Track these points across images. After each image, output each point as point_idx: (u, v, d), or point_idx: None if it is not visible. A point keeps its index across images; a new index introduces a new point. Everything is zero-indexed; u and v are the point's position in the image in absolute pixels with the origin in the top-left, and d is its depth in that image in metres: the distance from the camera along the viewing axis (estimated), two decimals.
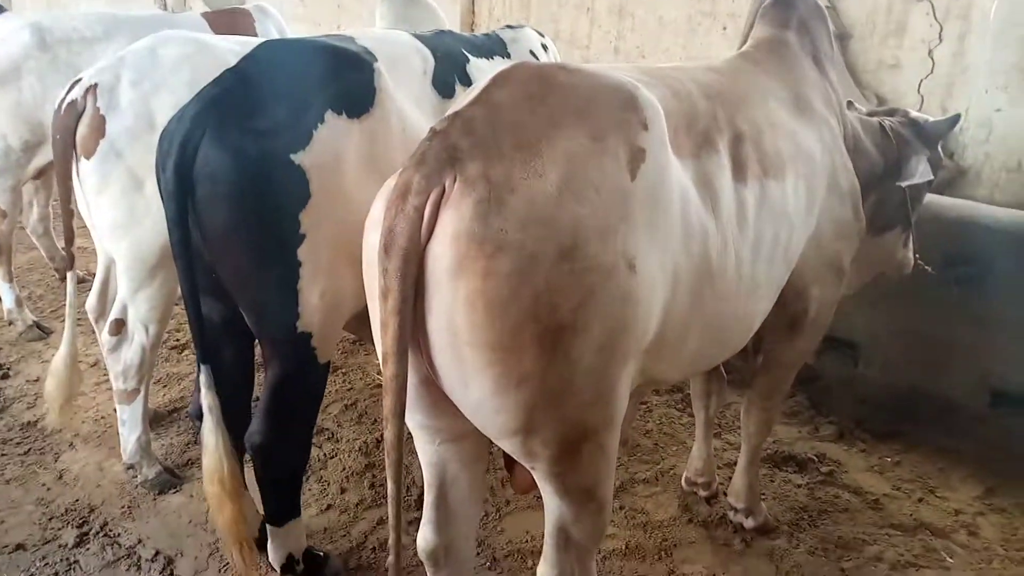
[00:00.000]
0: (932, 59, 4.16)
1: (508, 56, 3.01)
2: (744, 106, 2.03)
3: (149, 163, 2.70)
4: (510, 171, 1.44)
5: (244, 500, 2.34)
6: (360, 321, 2.18)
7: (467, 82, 2.70)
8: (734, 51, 4.98)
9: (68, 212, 2.90)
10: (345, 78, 2.18)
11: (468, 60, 2.78)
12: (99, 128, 2.70)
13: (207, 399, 2.17)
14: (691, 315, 1.73)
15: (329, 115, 2.10)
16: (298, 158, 2.03)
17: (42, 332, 4.29)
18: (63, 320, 4.51)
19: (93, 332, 3.39)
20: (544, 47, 3.33)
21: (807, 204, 2.13)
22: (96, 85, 2.71)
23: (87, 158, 2.72)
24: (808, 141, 2.19)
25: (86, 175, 2.74)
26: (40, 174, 4.12)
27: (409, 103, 2.39)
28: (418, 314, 1.48)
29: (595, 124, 1.54)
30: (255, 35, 4.64)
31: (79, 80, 2.75)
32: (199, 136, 1.99)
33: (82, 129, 2.71)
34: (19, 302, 4.28)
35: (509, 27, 3.14)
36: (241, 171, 1.99)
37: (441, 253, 1.42)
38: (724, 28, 4.94)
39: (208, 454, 2.17)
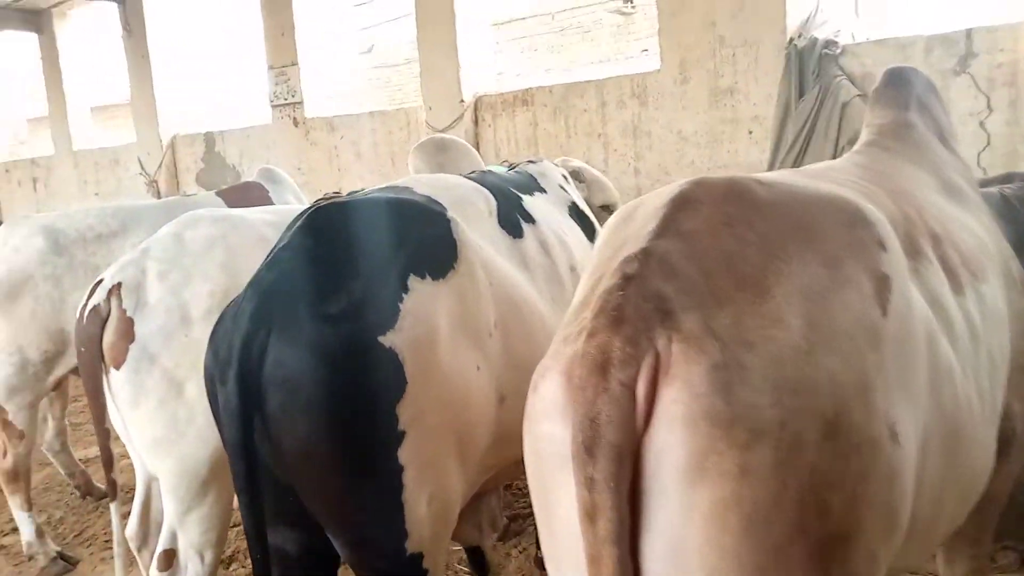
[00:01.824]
0: (985, 131, 3.95)
1: (544, 191, 2.70)
2: (916, 201, 1.70)
3: (188, 363, 2.35)
4: (740, 320, 1.07)
5: None
6: None
7: (530, 219, 2.38)
8: (764, 155, 4.84)
9: (103, 433, 2.48)
10: (421, 234, 1.84)
11: (520, 197, 2.48)
12: (127, 333, 2.34)
13: None
14: (944, 480, 1.32)
15: (413, 281, 1.75)
16: (388, 340, 1.66)
17: (67, 563, 3.75)
18: (89, 546, 4.04)
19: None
20: (565, 178, 3.03)
21: (1003, 305, 1.76)
22: (119, 284, 2.38)
23: (117, 368, 2.35)
24: (977, 230, 1.86)
25: (118, 387, 2.35)
26: (56, 385, 3.73)
27: (488, 249, 2.06)
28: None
29: (824, 249, 1.18)
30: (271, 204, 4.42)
31: (100, 281, 2.42)
32: (264, 336, 1.62)
33: (108, 336, 2.35)
34: (40, 533, 3.77)
35: (531, 162, 2.87)
36: (324, 369, 1.60)
37: (668, 447, 1.02)
38: (750, 132, 4.77)
39: None
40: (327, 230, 1.80)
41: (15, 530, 3.98)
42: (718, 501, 1.00)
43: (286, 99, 7.06)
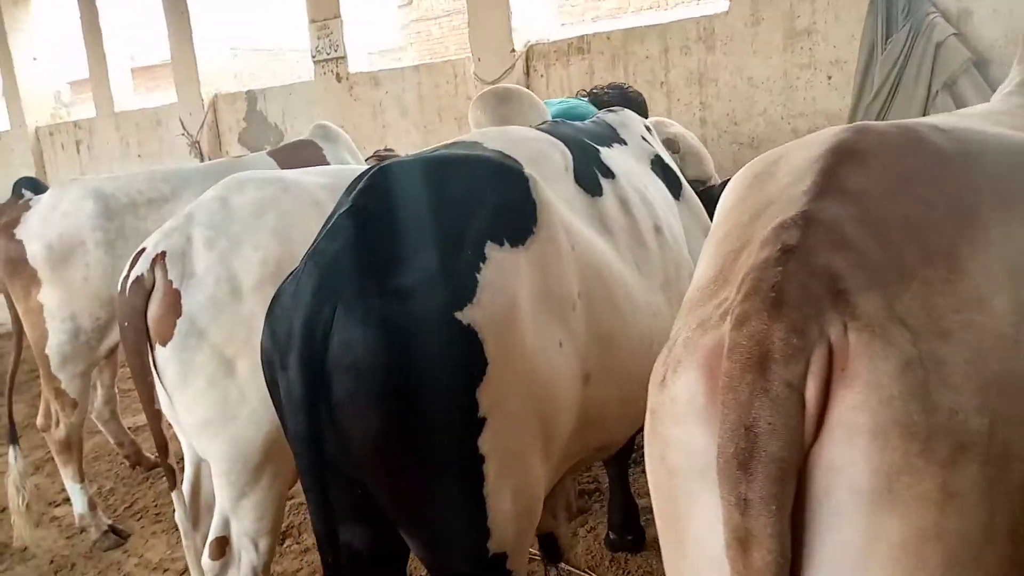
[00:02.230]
0: None
1: (624, 143, 2.42)
2: None
3: (239, 338, 2.17)
4: (931, 303, 0.83)
5: None
6: None
7: (609, 175, 2.12)
8: (845, 102, 4.47)
9: (154, 415, 2.32)
10: (497, 195, 1.60)
11: (598, 150, 2.22)
12: (174, 305, 2.17)
13: None
14: None
15: (491, 249, 1.51)
16: (466, 315, 1.43)
17: (119, 537, 3.68)
18: (140, 519, 3.96)
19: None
20: (648, 129, 2.74)
21: None
22: (164, 253, 2.20)
23: (163, 344, 2.18)
24: None
25: (164, 365, 2.19)
26: (109, 353, 3.61)
27: (567, 210, 1.81)
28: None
29: None
30: (326, 164, 4.22)
31: (143, 250, 2.24)
32: (328, 314, 1.41)
33: (154, 309, 2.18)
34: (92, 505, 3.70)
35: (611, 111, 2.58)
36: (397, 350, 1.39)
37: (847, 463, 0.81)
38: (829, 78, 4.40)
39: None
40: (392, 193, 1.57)
41: (67, 500, 3.92)
42: (913, 532, 0.78)
43: (328, 54, 6.80)
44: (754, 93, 4.65)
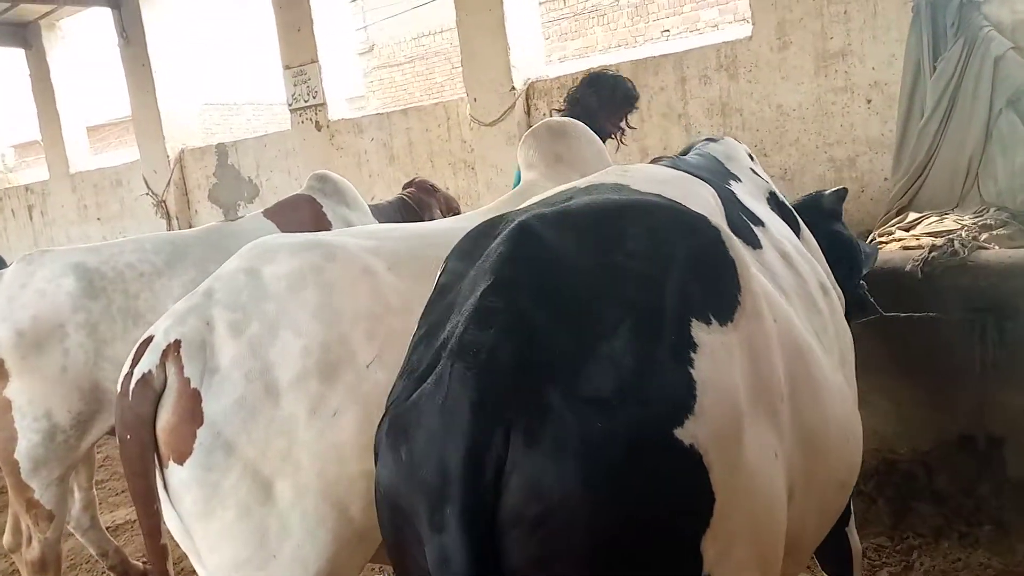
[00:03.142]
0: None
1: (739, 179, 1.98)
2: None
3: (278, 451, 1.67)
4: None
5: None
6: None
7: (757, 221, 1.68)
8: (887, 127, 4.16)
9: (158, 552, 1.78)
10: (690, 256, 1.14)
11: (732, 191, 1.79)
12: (192, 412, 1.66)
13: None
14: None
15: (698, 331, 1.05)
16: (688, 432, 0.97)
17: None
18: None
19: None
20: (751, 156, 2.33)
21: None
22: (177, 343, 1.69)
23: (179, 462, 1.66)
24: None
25: (181, 490, 1.67)
26: (88, 451, 3.03)
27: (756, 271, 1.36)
28: None
29: None
30: (327, 224, 3.67)
31: (149, 339, 1.73)
32: (501, 443, 0.94)
33: (166, 417, 1.67)
34: None
35: (709, 140, 2.15)
36: (606, 492, 0.93)
37: None
38: (869, 102, 4.08)
39: None
40: (549, 259, 1.11)
41: None
42: None
43: (307, 101, 6.36)
44: (785, 122, 4.31)
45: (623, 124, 3.56)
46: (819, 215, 2.24)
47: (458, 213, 4.02)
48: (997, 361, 2.81)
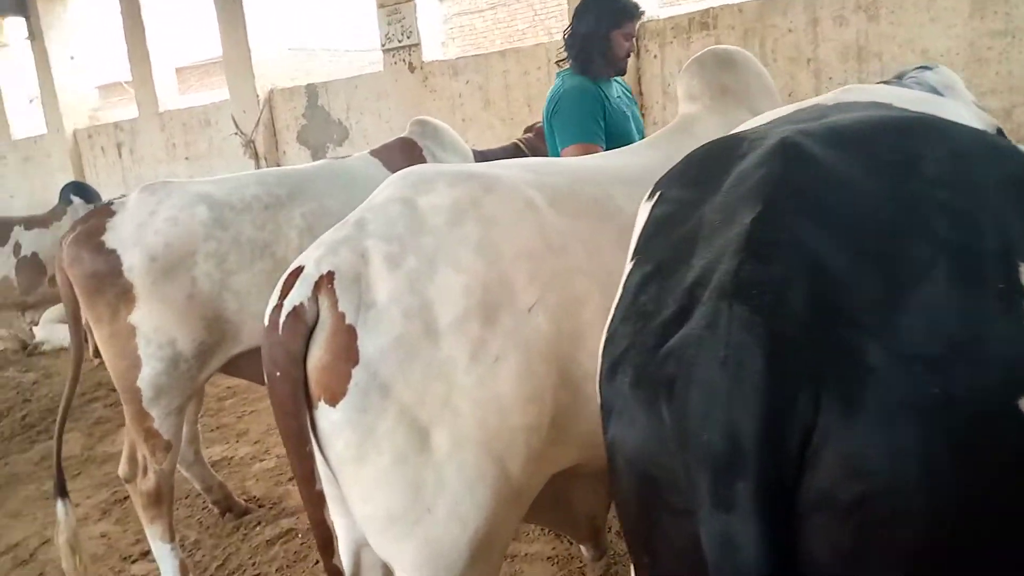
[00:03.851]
0: None
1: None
2: None
3: (437, 397, 1.52)
4: None
5: None
6: None
7: None
8: None
9: (314, 498, 1.63)
10: (1007, 185, 0.93)
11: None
12: (347, 349, 1.52)
13: None
14: None
15: None
16: None
17: None
18: None
19: None
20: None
21: None
22: (331, 274, 1.55)
23: (331, 403, 1.53)
24: None
25: (332, 432, 1.54)
26: (203, 383, 3.06)
27: None
28: None
29: None
30: None
31: (298, 270, 1.60)
32: (808, 409, 0.76)
33: (319, 354, 1.54)
34: (184, 569, 3.07)
35: (924, 67, 1.89)
36: (945, 474, 0.74)
37: None
38: None
39: None
40: (828, 183, 0.91)
41: (146, 554, 3.31)
42: None
43: (400, 41, 6.17)
44: None
45: (628, 43, 3.14)
46: None
47: None
48: None
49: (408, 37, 6.14)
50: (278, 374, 1.55)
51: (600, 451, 1.89)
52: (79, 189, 6.82)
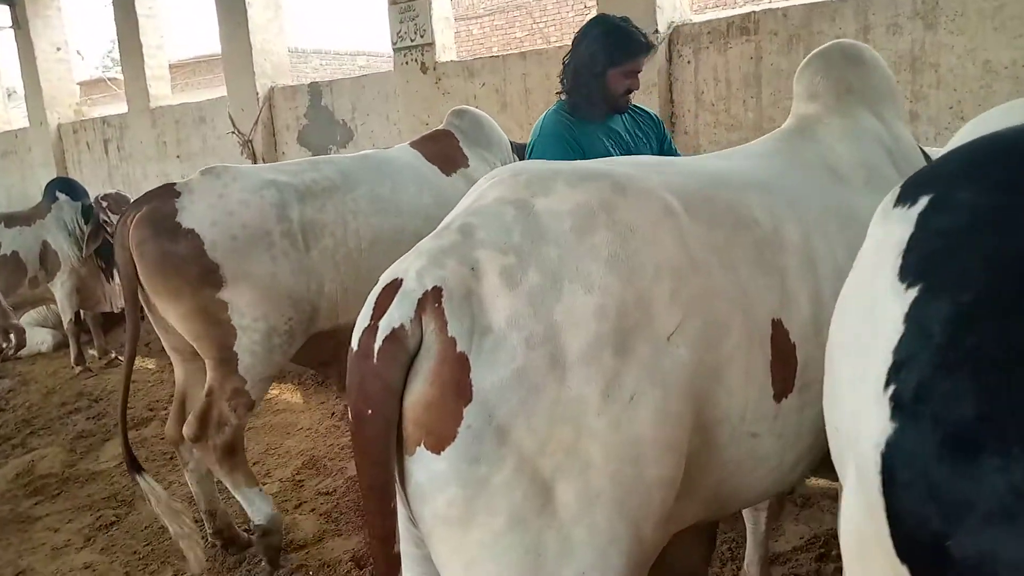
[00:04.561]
0: None
1: None
2: None
3: (563, 443, 1.25)
4: None
5: None
6: None
7: None
8: None
9: (393, 561, 1.35)
10: None
11: None
12: (459, 383, 1.24)
13: None
14: None
15: None
16: None
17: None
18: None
19: None
20: None
21: None
22: (438, 291, 1.27)
23: (434, 449, 1.25)
24: None
25: (431, 486, 1.26)
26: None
27: None
28: None
29: None
30: (464, 161, 3.56)
31: (395, 284, 1.31)
32: None
33: (421, 388, 1.25)
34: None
35: None
36: None
37: None
38: None
39: None
40: None
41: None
42: None
43: (412, 40, 5.89)
44: (993, 81, 3.74)
45: (629, 81, 2.74)
46: None
47: None
48: None
49: (421, 36, 5.87)
50: (369, 412, 1.26)
51: (720, 505, 1.62)
52: (66, 185, 6.45)
